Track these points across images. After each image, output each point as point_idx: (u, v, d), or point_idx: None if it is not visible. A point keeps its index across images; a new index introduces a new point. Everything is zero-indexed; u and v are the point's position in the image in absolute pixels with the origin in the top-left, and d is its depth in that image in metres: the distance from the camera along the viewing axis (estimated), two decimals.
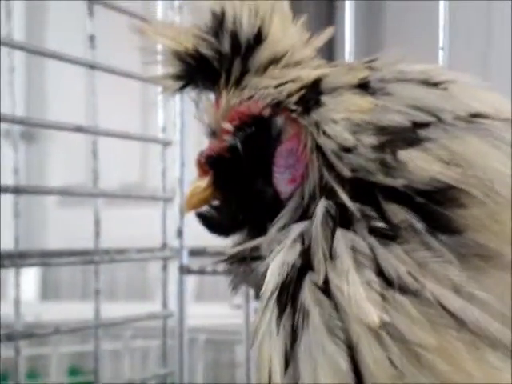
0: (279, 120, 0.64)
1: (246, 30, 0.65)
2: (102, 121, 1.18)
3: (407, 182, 0.56)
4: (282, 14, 0.67)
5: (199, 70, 0.67)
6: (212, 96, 0.68)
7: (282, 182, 0.64)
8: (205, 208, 0.70)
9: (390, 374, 0.53)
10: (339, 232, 0.57)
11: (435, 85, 0.61)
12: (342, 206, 0.58)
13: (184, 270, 1.25)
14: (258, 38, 0.65)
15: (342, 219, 0.58)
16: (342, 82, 0.62)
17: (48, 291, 3.58)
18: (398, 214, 0.56)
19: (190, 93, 0.70)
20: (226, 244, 1.27)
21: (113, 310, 1.30)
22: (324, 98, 0.61)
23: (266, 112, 0.64)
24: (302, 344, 0.56)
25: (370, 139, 0.58)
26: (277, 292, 0.59)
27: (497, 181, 0.56)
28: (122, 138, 1.24)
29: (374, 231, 0.57)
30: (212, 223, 0.70)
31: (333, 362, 0.55)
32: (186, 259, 1.25)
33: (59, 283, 3.64)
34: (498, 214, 0.56)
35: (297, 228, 0.60)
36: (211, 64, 0.66)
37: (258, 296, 0.63)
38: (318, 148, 0.60)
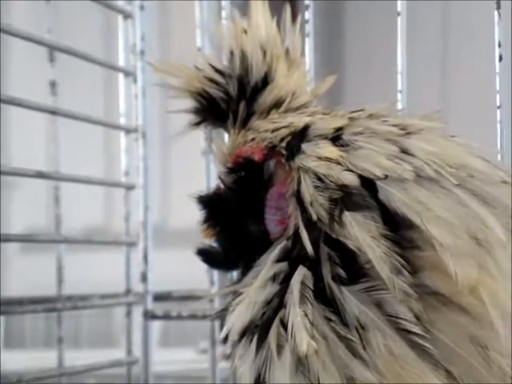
0: (271, 163, 0.66)
1: (254, 74, 0.68)
2: (64, 166, 1.17)
3: (345, 242, 0.58)
4: (289, 58, 0.69)
5: (209, 110, 0.69)
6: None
7: (272, 223, 0.66)
8: (206, 244, 0.71)
9: None
10: (299, 269, 0.59)
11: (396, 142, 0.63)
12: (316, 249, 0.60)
13: (148, 316, 1.23)
14: (264, 82, 0.68)
15: (312, 262, 0.60)
16: (322, 131, 0.64)
17: (12, 340, 3.52)
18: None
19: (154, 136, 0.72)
20: (190, 288, 1.27)
21: (77, 357, 1.29)
22: (304, 146, 0.63)
23: (262, 155, 0.66)
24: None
25: (328, 193, 0.60)
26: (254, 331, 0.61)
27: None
28: (84, 182, 1.24)
29: (336, 276, 0.58)
30: (211, 259, 0.71)
31: None
32: (150, 304, 1.24)
33: (23, 331, 3.58)
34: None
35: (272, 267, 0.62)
36: (219, 105, 0.68)
37: None
38: (298, 192, 0.62)
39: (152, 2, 1.31)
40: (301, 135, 0.64)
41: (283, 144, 0.65)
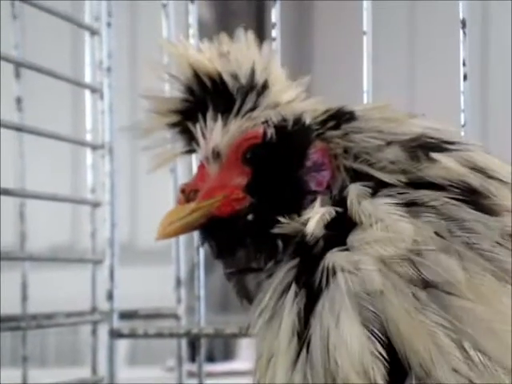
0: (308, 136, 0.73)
1: (259, 76, 0.75)
2: (31, 183, 1.16)
3: (438, 177, 0.67)
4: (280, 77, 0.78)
5: (213, 95, 0.74)
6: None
7: (312, 183, 0.72)
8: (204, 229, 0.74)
9: (415, 318, 0.60)
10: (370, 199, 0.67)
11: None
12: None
13: (114, 334, 1.22)
14: (265, 85, 0.76)
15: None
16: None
17: None
18: (430, 194, 0.66)
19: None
20: (157, 306, 1.26)
21: (42, 376, 1.27)
22: (358, 113, 0.72)
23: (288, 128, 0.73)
24: (323, 302, 0.63)
25: (403, 137, 0.69)
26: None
27: None
28: (50, 199, 1.23)
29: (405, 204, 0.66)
30: (221, 241, 0.74)
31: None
32: (116, 322, 1.23)
33: None
34: None
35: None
36: (227, 92, 0.74)
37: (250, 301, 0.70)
38: (347, 151, 0.71)
39: (120, 20, 1.31)
40: (343, 112, 0.73)
41: (317, 120, 0.73)
